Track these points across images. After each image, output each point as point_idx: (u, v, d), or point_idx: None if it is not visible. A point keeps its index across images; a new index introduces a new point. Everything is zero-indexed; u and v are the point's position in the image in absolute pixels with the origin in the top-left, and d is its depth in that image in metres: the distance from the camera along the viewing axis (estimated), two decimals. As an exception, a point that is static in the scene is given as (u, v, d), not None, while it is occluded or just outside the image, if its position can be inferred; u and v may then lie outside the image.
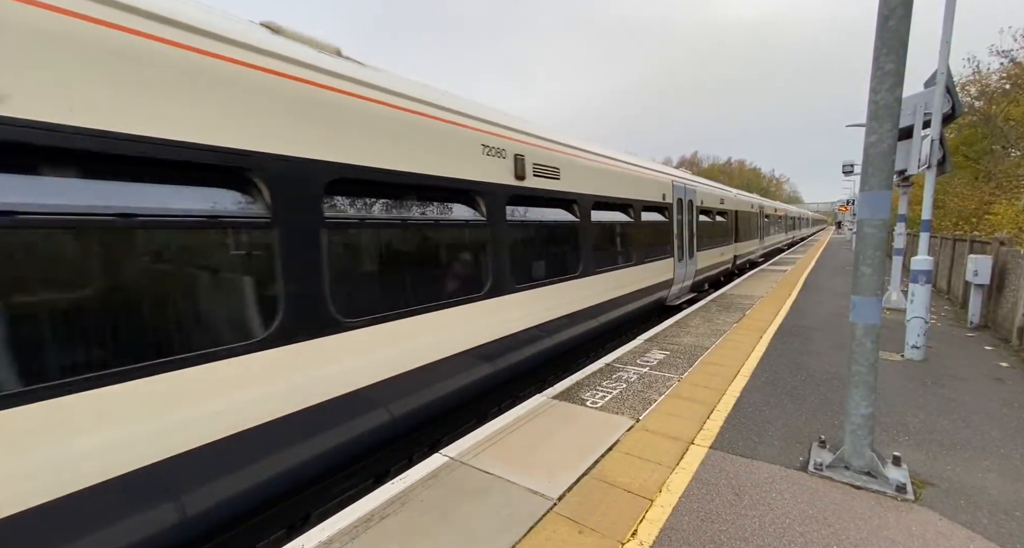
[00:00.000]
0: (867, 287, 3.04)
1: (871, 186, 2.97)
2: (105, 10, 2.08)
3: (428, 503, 2.88)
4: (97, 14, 2.05)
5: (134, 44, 2.15)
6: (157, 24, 2.26)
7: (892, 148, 2.92)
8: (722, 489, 3.03)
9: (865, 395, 3.08)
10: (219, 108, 2.47)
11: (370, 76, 3.45)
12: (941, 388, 4.81)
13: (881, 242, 2.99)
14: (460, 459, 3.40)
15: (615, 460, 3.39)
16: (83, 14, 2.02)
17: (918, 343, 5.77)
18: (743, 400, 4.49)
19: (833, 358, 5.79)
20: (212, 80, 2.44)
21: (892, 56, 2.85)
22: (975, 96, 17.03)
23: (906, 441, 3.67)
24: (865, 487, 3.01)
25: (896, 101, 2.89)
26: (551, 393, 4.70)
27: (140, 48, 2.17)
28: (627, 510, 2.81)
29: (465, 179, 4.17)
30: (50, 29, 1.92)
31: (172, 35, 2.31)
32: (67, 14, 1.97)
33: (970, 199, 16.29)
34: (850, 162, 24.65)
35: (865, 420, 3.09)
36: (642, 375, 5.22)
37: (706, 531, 2.62)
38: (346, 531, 2.62)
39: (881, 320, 3.08)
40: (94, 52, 2.02)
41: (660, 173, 9.22)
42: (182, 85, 2.32)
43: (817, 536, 2.57)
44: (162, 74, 2.24)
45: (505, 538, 2.56)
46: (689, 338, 6.86)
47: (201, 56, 2.40)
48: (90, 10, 2.04)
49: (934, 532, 2.60)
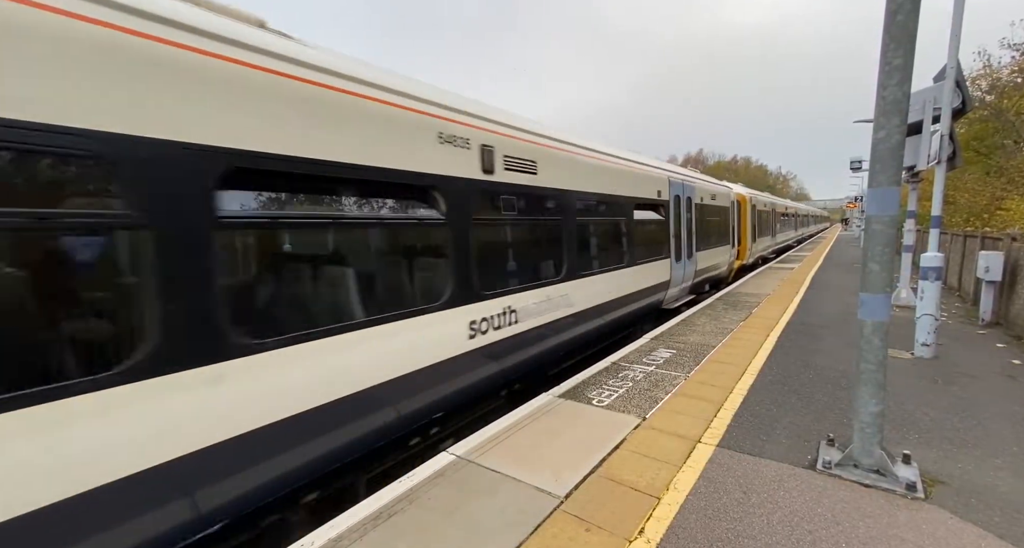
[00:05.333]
0: (876, 284, 3.01)
1: (879, 182, 2.95)
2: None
3: (436, 501, 2.90)
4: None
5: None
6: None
7: (901, 144, 2.89)
8: (730, 487, 3.02)
9: (874, 393, 3.06)
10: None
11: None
12: (952, 386, 4.76)
13: (890, 239, 2.97)
14: (467, 457, 3.41)
15: (622, 458, 3.39)
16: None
17: (928, 341, 5.71)
18: (750, 398, 4.47)
19: (841, 356, 5.75)
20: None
21: (900, 50, 2.82)
22: (986, 90, 16.79)
23: (916, 439, 3.64)
24: (875, 485, 2.99)
25: (905, 96, 2.86)
26: (557, 392, 4.71)
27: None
28: (634, 508, 2.81)
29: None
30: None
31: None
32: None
33: (981, 195, 16.08)
34: (858, 158, 24.37)
35: (874, 418, 3.07)
36: (648, 373, 5.21)
37: (714, 529, 2.62)
38: (355, 528, 2.64)
39: (890, 317, 3.05)
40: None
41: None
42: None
43: (826, 534, 2.56)
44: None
45: (512, 535, 2.57)
46: (696, 336, 6.84)
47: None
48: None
49: (945, 530, 2.58)
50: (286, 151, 2.73)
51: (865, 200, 3.11)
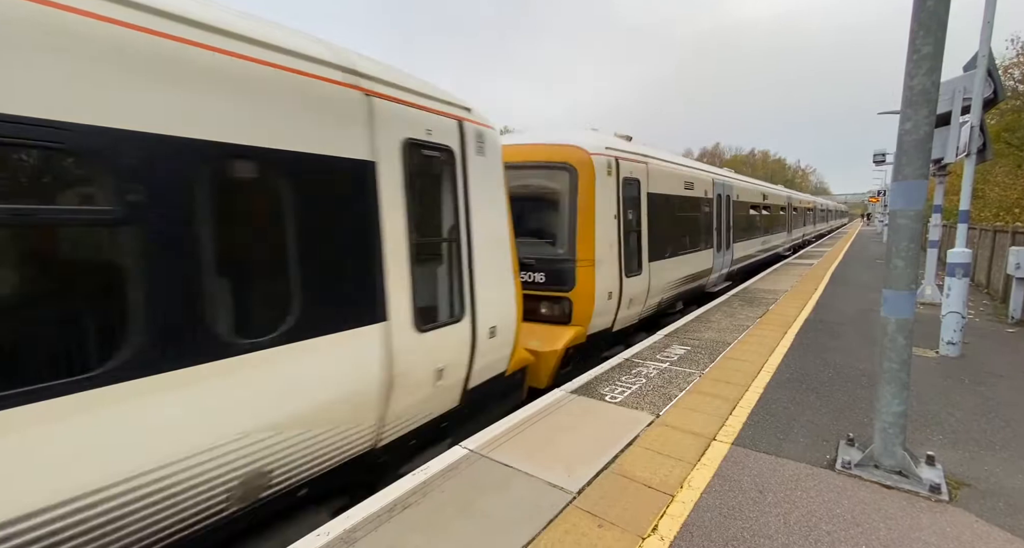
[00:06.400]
0: (900, 281, 2.92)
1: (905, 175, 2.85)
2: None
3: (449, 494, 2.92)
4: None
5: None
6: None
7: (929, 135, 2.79)
8: (745, 486, 2.98)
9: (897, 392, 2.98)
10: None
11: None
12: (978, 386, 4.62)
13: (915, 234, 2.87)
14: (479, 452, 3.43)
15: (635, 455, 3.37)
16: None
17: (954, 339, 5.54)
18: (767, 396, 4.40)
19: (861, 354, 5.61)
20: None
21: (930, 38, 2.72)
22: (1019, 79, 16.12)
23: (940, 440, 3.54)
24: (896, 487, 2.92)
25: (933, 85, 2.75)
26: (569, 388, 4.69)
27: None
28: (647, 505, 2.80)
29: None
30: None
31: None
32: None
33: (1012, 189, 15.51)
34: (882, 151, 23.72)
35: (897, 418, 2.99)
36: (662, 370, 5.16)
37: (729, 528, 2.59)
38: (370, 519, 2.68)
39: (915, 315, 2.96)
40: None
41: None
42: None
43: (845, 536, 2.51)
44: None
45: (525, 530, 2.58)
46: (711, 333, 6.74)
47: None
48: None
49: (970, 534, 2.50)
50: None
51: (890, 194, 3.01)
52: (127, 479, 2.01)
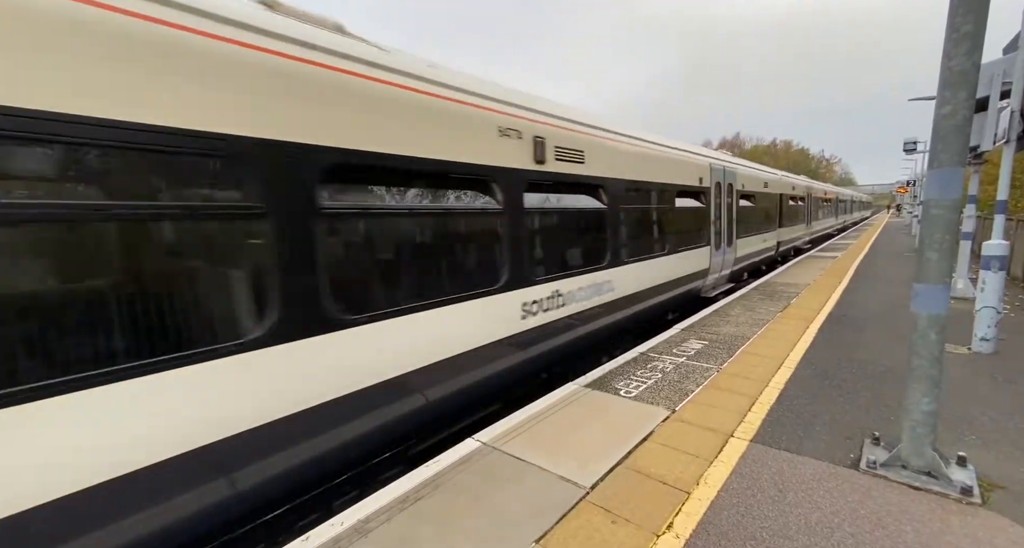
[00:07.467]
0: (933, 274, 2.78)
1: (941, 162, 2.70)
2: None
3: (461, 486, 2.92)
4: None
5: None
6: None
7: (968, 120, 2.63)
8: (764, 484, 2.90)
9: (927, 390, 2.85)
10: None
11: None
12: (1013, 384, 4.41)
13: (950, 224, 2.72)
14: (492, 444, 3.42)
15: (650, 451, 3.32)
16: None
17: (988, 335, 5.30)
18: (787, 393, 4.28)
19: (886, 350, 5.41)
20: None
21: (971, 16, 2.55)
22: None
23: (973, 441, 3.39)
24: (925, 488, 2.81)
25: (974, 67, 2.59)
26: (583, 381, 4.65)
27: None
28: (662, 502, 2.75)
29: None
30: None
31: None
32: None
33: (1053, 178, 14.71)
34: (912, 139, 22.78)
35: (926, 417, 2.86)
36: (678, 365, 5.07)
37: (747, 527, 2.52)
38: (382, 511, 2.69)
39: (947, 310, 2.82)
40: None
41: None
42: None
43: (870, 538, 2.42)
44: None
45: (537, 523, 2.56)
46: (729, 327, 6.60)
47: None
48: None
49: (1005, 539, 2.39)
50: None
51: (924, 182, 2.86)
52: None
